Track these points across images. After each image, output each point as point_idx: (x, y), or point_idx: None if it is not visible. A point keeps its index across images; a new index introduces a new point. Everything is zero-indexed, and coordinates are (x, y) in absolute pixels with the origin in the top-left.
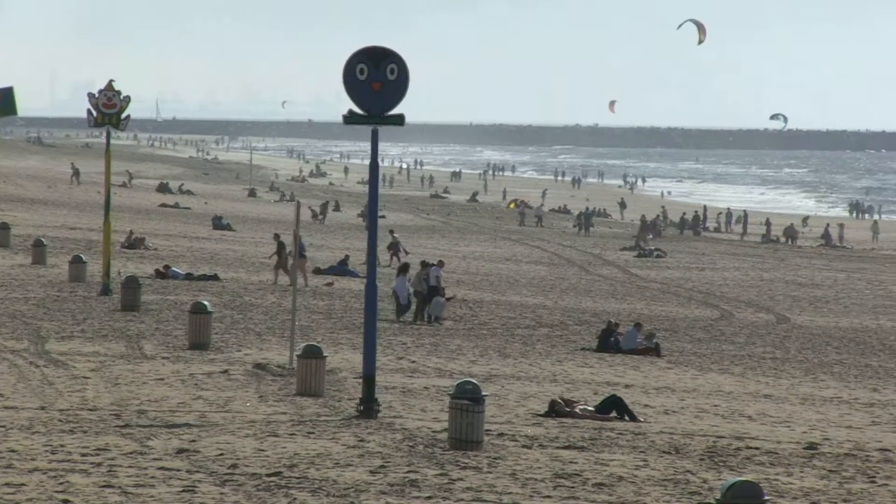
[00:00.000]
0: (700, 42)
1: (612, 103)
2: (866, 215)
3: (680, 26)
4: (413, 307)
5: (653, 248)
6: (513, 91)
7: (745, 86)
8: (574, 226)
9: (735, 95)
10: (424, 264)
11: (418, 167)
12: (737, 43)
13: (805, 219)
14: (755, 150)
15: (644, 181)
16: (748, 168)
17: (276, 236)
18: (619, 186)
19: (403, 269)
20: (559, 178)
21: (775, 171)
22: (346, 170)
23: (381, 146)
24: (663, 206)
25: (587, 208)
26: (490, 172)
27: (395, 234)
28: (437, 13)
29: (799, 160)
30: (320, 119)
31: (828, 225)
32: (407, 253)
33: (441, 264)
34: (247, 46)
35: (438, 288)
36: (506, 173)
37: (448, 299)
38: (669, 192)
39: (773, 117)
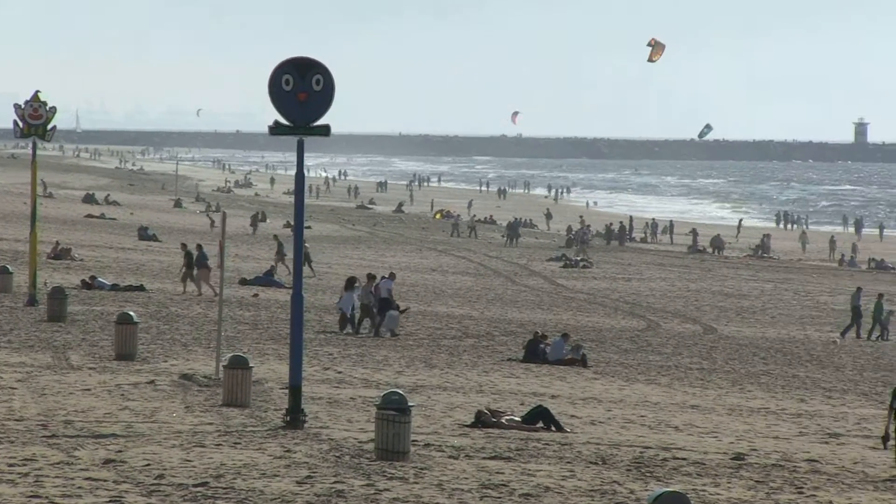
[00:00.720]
0: (650, 60)
1: (514, 115)
2: (793, 226)
3: (648, 44)
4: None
5: (579, 258)
6: (440, 101)
7: (673, 96)
8: (502, 236)
9: (662, 106)
10: (371, 277)
11: (342, 178)
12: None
13: (739, 224)
14: (682, 161)
15: (569, 192)
16: (675, 178)
17: (184, 246)
18: (545, 197)
19: (350, 283)
20: (484, 188)
21: (701, 181)
22: (272, 180)
23: (308, 157)
24: (581, 216)
25: (514, 219)
26: (416, 183)
27: (305, 245)
28: (366, 24)
29: (726, 170)
30: (249, 130)
31: (765, 235)
32: (311, 261)
33: (392, 277)
34: (173, 58)
35: (391, 301)
36: (432, 184)
37: (402, 311)
38: (595, 203)
39: (703, 132)
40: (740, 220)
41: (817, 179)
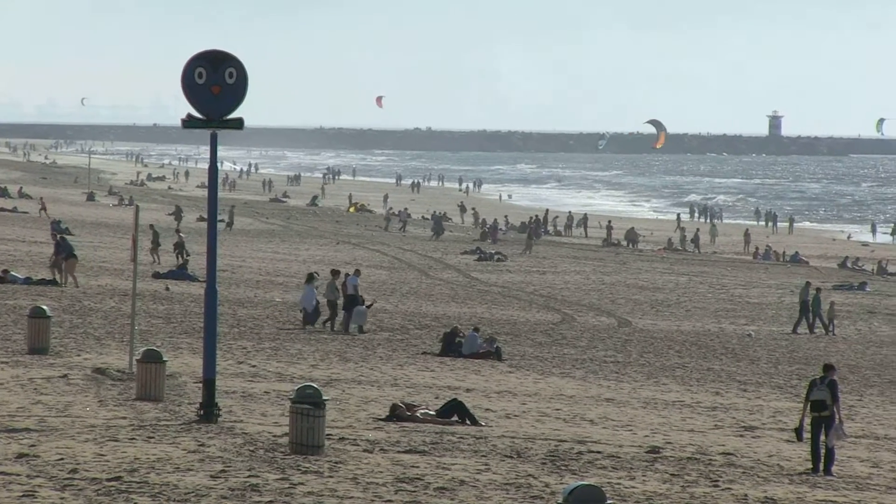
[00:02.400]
0: (658, 145)
1: (378, 98)
2: (707, 218)
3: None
4: (322, 316)
5: (493, 251)
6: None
7: (585, 90)
8: (432, 231)
9: (575, 99)
10: (335, 272)
11: (255, 171)
12: (571, 44)
13: (678, 218)
14: (596, 154)
15: (480, 185)
16: (589, 171)
17: (54, 235)
18: (459, 190)
19: (310, 278)
20: (399, 182)
21: (615, 173)
22: (186, 174)
23: (222, 150)
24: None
25: (435, 212)
26: (330, 176)
27: (181, 234)
28: (281, 16)
29: (639, 163)
30: (166, 123)
31: (697, 229)
32: (189, 255)
33: (357, 273)
34: (85, 51)
35: (357, 297)
36: (345, 177)
37: (368, 306)
38: (510, 196)
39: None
40: (678, 215)
41: (731, 172)
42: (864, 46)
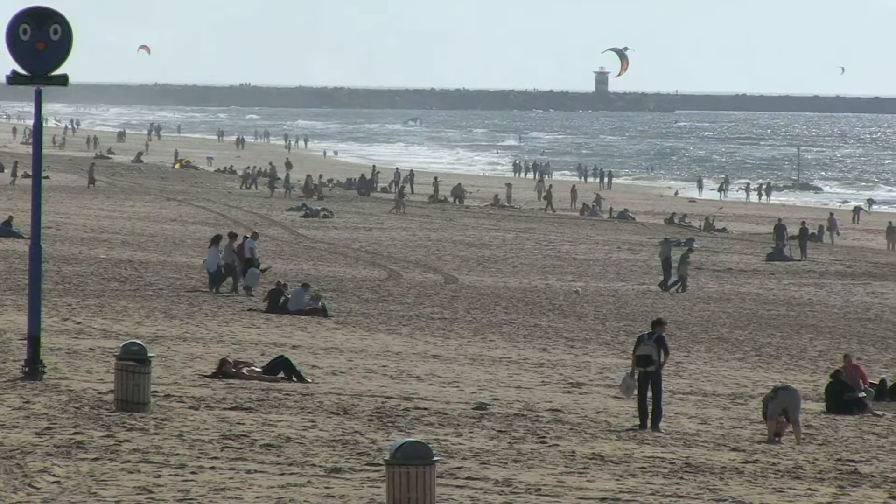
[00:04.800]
0: (619, 75)
1: (142, 47)
2: (534, 174)
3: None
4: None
5: (319, 207)
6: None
7: (412, 46)
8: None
9: (402, 55)
10: (232, 235)
11: (77, 126)
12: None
13: (541, 178)
14: (423, 110)
15: (307, 142)
16: (416, 127)
17: None
18: (285, 147)
19: (215, 239)
20: (223, 138)
21: (442, 130)
22: (14, 130)
23: (51, 106)
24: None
25: (271, 165)
26: (155, 133)
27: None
28: None
29: (467, 119)
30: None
31: (574, 186)
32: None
33: (255, 236)
34: None
35: (253, 259)
36: (171, 133)
37: (263, 270)
38: (336, 153)
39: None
40: (540, 177)
41: (558, 128)
42: (689, 4)
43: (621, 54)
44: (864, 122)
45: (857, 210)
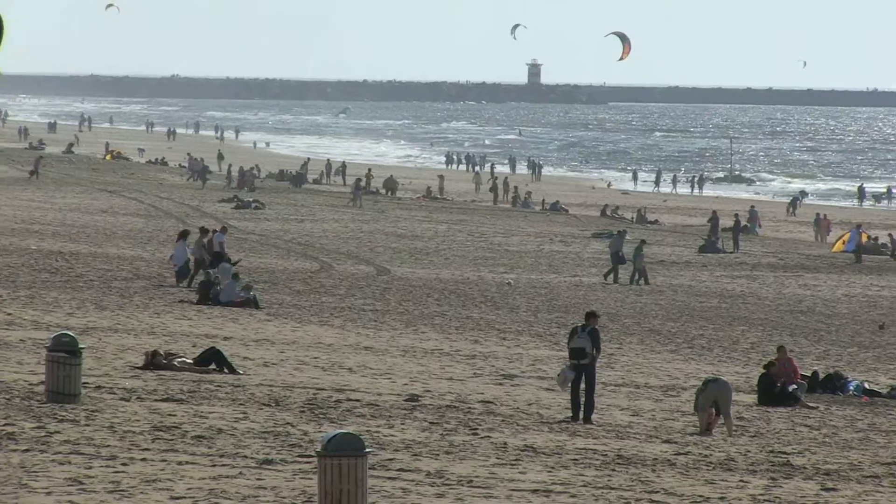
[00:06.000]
0: (621, 59)
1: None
2: (468, 166)
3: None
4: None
5: (251, 199)
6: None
7: (343, 38)
8: (192, 179)
9: (334, 48)
10: (203, 230)
11: (6, 117)
12: None
13: (483, 172)
14: (353, 102)
15: (238, 133)
16: (349, 119)
17: None
18: (216, 138)
19: (183, 234)
20: (151, 129)
21: (376, 121)
22: None
23: None
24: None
25: (201, 159)
26: (86, 124)
27: None
28: None
29: (399, 111)
30: None
31: (506, 177)
32: None
33: (224, 230)
34: None
35: (223, 254)
36: (103, 125)
37: (234, 263)
38: (267, 144)
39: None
40: (490, 170)
41: (490, 120)
42: None
43: (623, 38)
44: (799, 113)
45: (793, 201)
